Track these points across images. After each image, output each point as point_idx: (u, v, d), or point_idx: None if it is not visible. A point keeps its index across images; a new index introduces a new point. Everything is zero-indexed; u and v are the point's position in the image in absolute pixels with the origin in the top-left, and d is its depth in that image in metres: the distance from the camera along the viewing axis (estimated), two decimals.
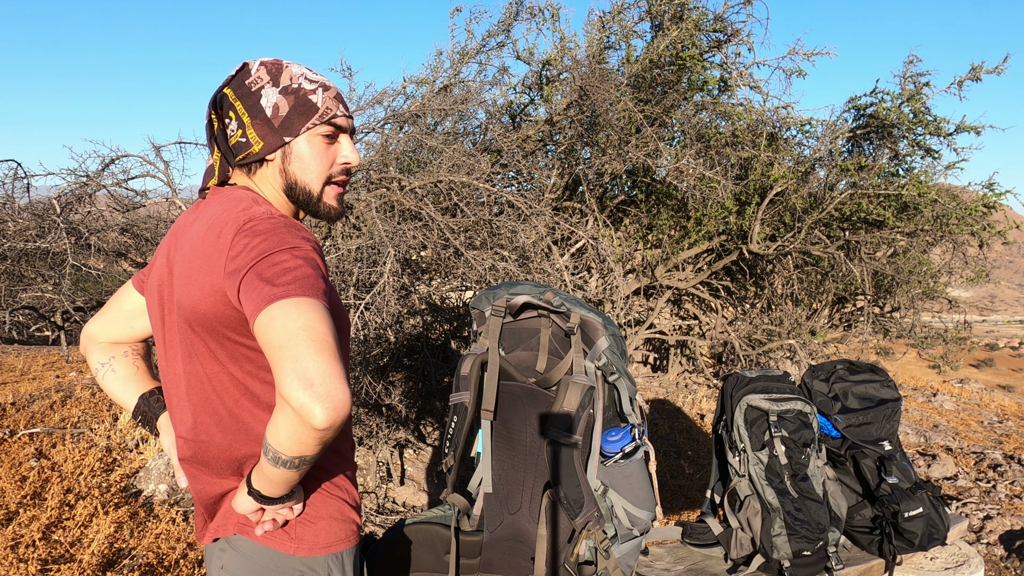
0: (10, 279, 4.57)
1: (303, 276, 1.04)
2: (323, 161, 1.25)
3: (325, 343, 0.98)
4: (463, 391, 1.96)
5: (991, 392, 12.21)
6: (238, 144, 1.22)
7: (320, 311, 1.01)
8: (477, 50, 5.09)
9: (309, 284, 1.03)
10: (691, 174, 5.16)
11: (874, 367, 2.73)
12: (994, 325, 50.58)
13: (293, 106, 1.21)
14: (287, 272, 1.04)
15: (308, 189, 1.25)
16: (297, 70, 1.24)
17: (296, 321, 0.98)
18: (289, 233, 1.11)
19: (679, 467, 5.80)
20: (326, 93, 1.24)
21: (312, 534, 1.22)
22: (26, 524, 3.19)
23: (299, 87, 1.22)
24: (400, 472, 4.61)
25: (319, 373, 0.95)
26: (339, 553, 1.24)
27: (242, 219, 1.12)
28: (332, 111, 1.24)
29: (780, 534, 2.31)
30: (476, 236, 4.13)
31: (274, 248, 1.07)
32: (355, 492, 1.32)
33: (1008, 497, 5.46)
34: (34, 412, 4.49)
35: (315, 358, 0.96)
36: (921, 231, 5.79)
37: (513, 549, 1.96)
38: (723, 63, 5.46)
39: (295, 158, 1.23)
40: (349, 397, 0.98)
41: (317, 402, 0.94)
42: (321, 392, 0.94)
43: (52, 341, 7.76)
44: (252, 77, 1.22)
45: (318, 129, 1.23)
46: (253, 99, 1.21)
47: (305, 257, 1.08)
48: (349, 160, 1.28)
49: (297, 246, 1.08)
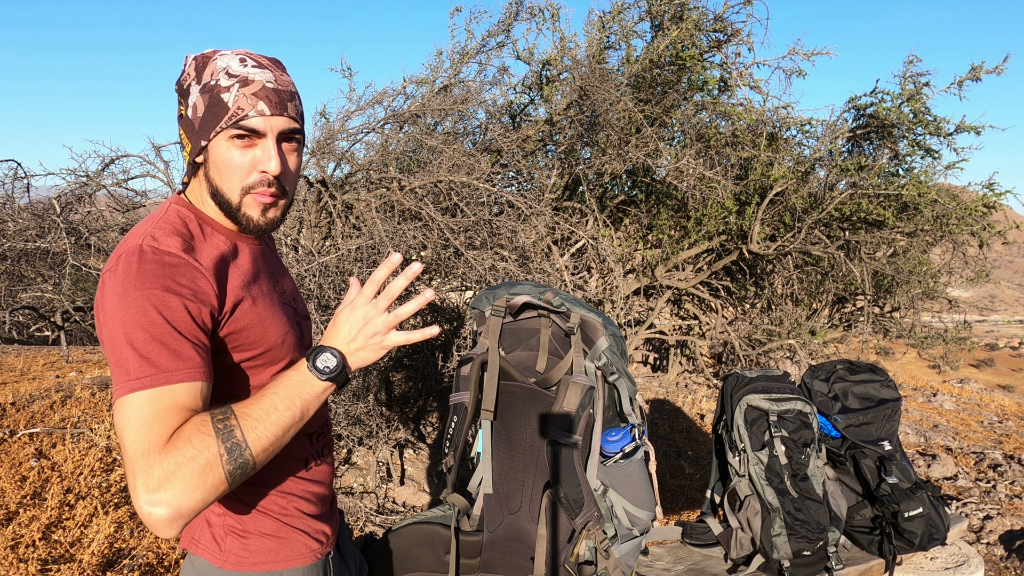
0: (10, 279, 4.58)
1: (124, 361, 0.98)
2: (236, 169, 1.11)
3: (129, 453, 0.94)
4: (463, 391, 1.96)
5: (991, 392, 12.21)
6: (181, 144, 1.18)
7: (128, 409, 0.96)
8: (477, 50, 5.09)
9: (124, 370, 0.97)
10: (691, 174, 5.16)
11: (874, 367, 2.73)
12: (994, 325, 50.57)
13: (207, 106, 1.09)
14: (115, 361, 0.99)
15: (226, 198, 1.13)
16: (223, 62, 1.10)
17: (120, 429, 0.96)
18: (137, 283, 1.00)
19: (679, 467, 5.80)
20: (243, 89, 1.09)
21: (241, 548, 1.18)
22: (26, 524, 3.19)
23: (215, 84, 1.09)
24: (400, 472, 4.61)
25: (137, 497, 0.92)
26: (275, 572, 1.19)
27: (115, 253, 1.06)
28: (243, 111, 1.08)
29: (780, 534, 2.31)
30: (476, 236, 4.13)
31: (110, 320, 1.00)
32: (303, 514, 1.24)
33: (1008, 497, 5.46)
34: (34, 412, 4.49)
35: (132, 477, 0.93)
36: (921, 231, 5.79)
37: (513, 549, 1.96)
38: (723, 63, 5.46)
39: (212, 163, 1.12)
40: (172, 519, 0.92)
41: (147, 515, 0.91)
42: (142, 508, 0.91)
43: (52, 341, 7.76)
44: (184, 74, 1.13)
45: (226, 133, 1.09)
46: (184, 98, 1.13)
47: (134, 322, 0.98)
48: (266, 168, 1.11)
49: (131, 304, 0.99)
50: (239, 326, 1.12)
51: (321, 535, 1.26)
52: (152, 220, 1.12)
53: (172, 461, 0.93)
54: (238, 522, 1.19)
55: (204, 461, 0.94)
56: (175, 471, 0.92)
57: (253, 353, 1.15)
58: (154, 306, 0.99)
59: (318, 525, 1.26)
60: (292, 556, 1.21)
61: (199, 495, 0.93)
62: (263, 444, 1.00)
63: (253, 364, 1.16)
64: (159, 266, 1.02)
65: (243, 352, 1.14)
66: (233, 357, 1.14)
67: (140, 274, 1.01)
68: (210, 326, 1.06)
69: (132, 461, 0.93)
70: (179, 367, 0.98)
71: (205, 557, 1.19)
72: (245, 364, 1.16)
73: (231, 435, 0.97)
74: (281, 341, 1.19)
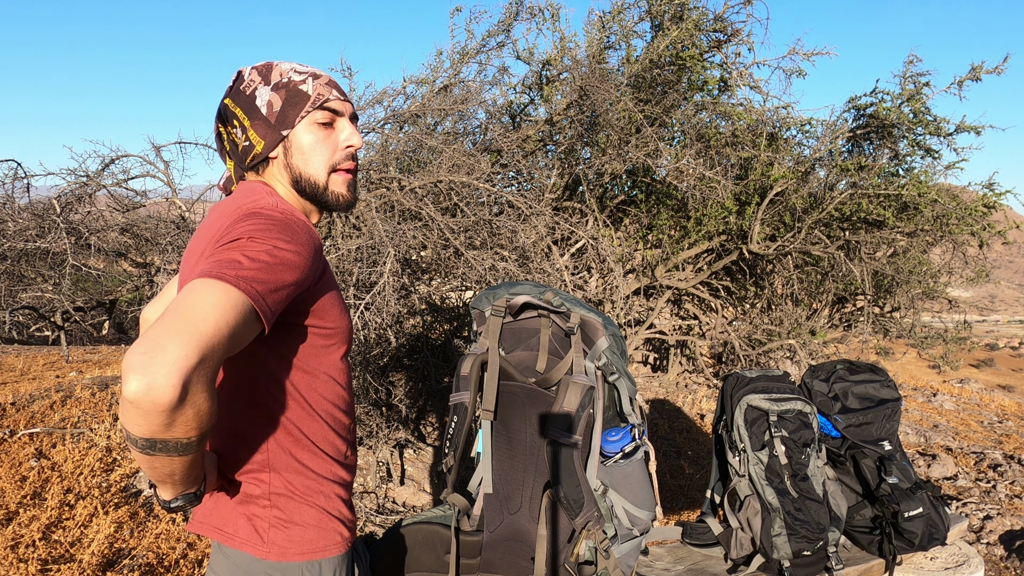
0: (10, 279, 4.58)
1: (253, 268, 1.00)
2: (323, 149, 1.25)
3: (195, 328, 0.90)
4: (463, 391, 1.96)
5: (991, 392, 12.20)
6: (244, 148, 1.25)
7: (230, 304, 0.95)
8: (477, 50, 5.09)
9: (250, 277, 0.99)
10: (691, 174, 5.16)
11: (874, 367, 2.73)
12: (994, 325, 50.51)
13: (285, 99, 1.22)
14: (242, 259, 1.01)
15: (313, 180, 1.25)
16: (286, 66, 1.25)
17: (193, 297, 0.94)
18: (284, 230, 1.10)
19: (679, 467, 5.80)
20: (316, 81, 1.24)
21: (284, 539, 1.20)
22: (26, 524, 3.19)
23: (288, 80, 1.23)
24: (400, 472, 4.61)
25: (158, 347, 0.88)
26: (316, 562, 1.22)
27: (250, 208, 1.13)
28: (324, 96, 1.24)
29: (780, 534, 2.31)
30: (476, 236, 4.13)
31: (256, 235, 1.05)
32: (341, 502, 1.28)
33: (1008, 497, 5.46)
34: (34, 412, 4.49)
35: (170, 333, 0.89)
36: (921, 231, 5.79)
37: (513, 549, 1.96)
38: (723, 63, 5.45)
39: (295, 150, 1.24)
40: (174, 386, 0.87)
41: (134, 371, 0.86)
42: (146, 364, 0.86)
43: (52, 341, 7.77)
44: (245, 82, 1.24)
45: (313, 116, 1.23)
46: (249, 102, 1.23)
47: (278, 257, 1.04)
48: (351, 143, 1.27)
49: (278, 245, 1.06)
50: (324, 304, 1.20)
51: (350, 523, 1.30)
52: (260, 193, 1.21)
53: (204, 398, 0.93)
54: (284, 513, 1.21)
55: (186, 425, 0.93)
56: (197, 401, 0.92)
57: (330, 328, 1.22)
58: (291, 251, 1.07)
59: (348, 514, 1.30)
60: (329, 545, 1.24)
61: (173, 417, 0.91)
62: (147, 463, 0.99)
63: (331, 344, 1.24)
64: (295, 229, 1.12)
65: (325, 329, 1.21)
66: (318, 334, 1.21)
67: (288, 221, 1.12)
68: (309, 292, 1.15)
69: (202, 342, 0.90)
70: (275, 311, 1.03)
71: (244, 549, 1.20)
72: (325, 343, 1.23)
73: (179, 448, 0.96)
74: (349, 325, 1.28)
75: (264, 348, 1.16)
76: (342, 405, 1.28)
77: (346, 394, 1.30)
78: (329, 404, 1.25)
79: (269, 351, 1.17)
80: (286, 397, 1.20)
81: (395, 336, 4.04)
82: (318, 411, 1.23)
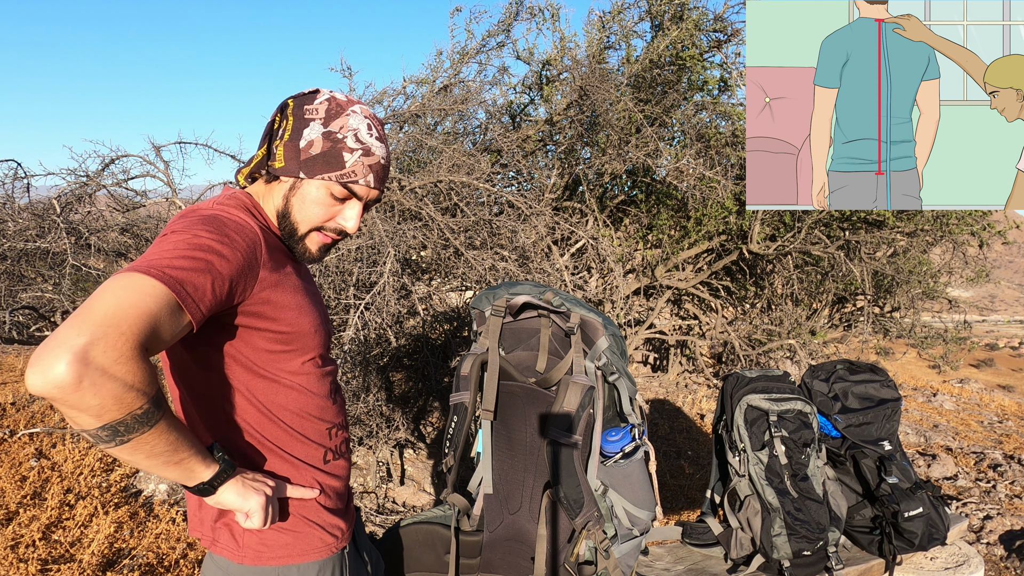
0: (10, 279, 4.57)
1: (158, 254, 1.02)
2: (321, 212, 1.25)
3: (84, 316, 0.92)
4: (463, 391, 1.96)
5: (991, 392, 12.20)
6: (272, 151, 1.26)
7: (140, 291, 0.96)
8: (477, 50, 5.09)
9: (164, 264, 1.00)
10: (691, 174, 5.16)
11: (874, 367, 2.73)
12: (994, 325, 50.44)
13: (324, 152, 1.21)
14: (152, 251, 1.04)
15: (295, 226, 1.25)
16: (355, 122, 1.23)
17: (103, 289, 0.95)
18: (210, 222, 1.10)
19: (679, 467, 5.80)
20: (363, 158, 1.23)
21: (258, 543, 1.21)
22: (26, 524, 3.19)
23: (341, 139, 1.22)
24: (400, 472, 4.61)
25: (46, 345, 0.89)
26: (292, 567, 1.21)
27: (192, 209, 1.16)
28: (354, 176, 1.23)
29: (780, 534, 2.31)
30: (476, 236, 4.13)
31: (178, 230, 1.08)
32: (321, 508, 1.27)
33: (1008, 497, 5.46)
34: (34, 412, 4.49)
35: (71, 325, 0.91)
36: (921, 231, 5.79)
37: (513, 549, 1.96)
38: (723, 63, 5.46)
39: (300, 195, 1.24)
40: (67, 363, 0.88)
41: (29, 368, 0.89)
42: (36, 357, 0.89)
43: None
44: (312, 106, 1.23)
45: (331, 185, 1.23)
46: (300, 124, 1.23)
47: (193, 243, 1.05)
48: (345, 226, 1.27)
49: (198, 233, 1.07)
50: (276, 306, 1.18)
51: (336, 530, 1.29)
52: (220, 199, 1.23)
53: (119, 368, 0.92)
54: None
55: (122, 399, 0.93)
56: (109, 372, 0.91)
57: (286, 332, 1.20)
58: (212, 239, 1.07)
59: (333, 520, 1.29)
60: (307, 550, 1.24)
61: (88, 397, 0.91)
62: (135, 454, 1.00)
63: (287, 349, 1.22)
64: (224, 223, 1.13)
65: (277, 333, 1.19)
66: (268, 339, 1.19)
67: (218, 218, 1.12)
68: (246, 288, 1.12)
69: (96, 322, 0.91)
70: (198, 298, 1.02)
71: (224, 555, 1.22)
72: (279, 349, 1.21)
73: (139, 422, 0.97)
74: (314, 331, 1.25)
75: (215, 352, 1.16)
76: (313, 411, 1.26)
77: (319, 400, 1.27)
78: (291, 412, 1.23)
79: (221, 355, 1.17)
80: (245, 403, 1.20)
81: (395, 336, 4.04)
82: (280, 418, 1.22)
